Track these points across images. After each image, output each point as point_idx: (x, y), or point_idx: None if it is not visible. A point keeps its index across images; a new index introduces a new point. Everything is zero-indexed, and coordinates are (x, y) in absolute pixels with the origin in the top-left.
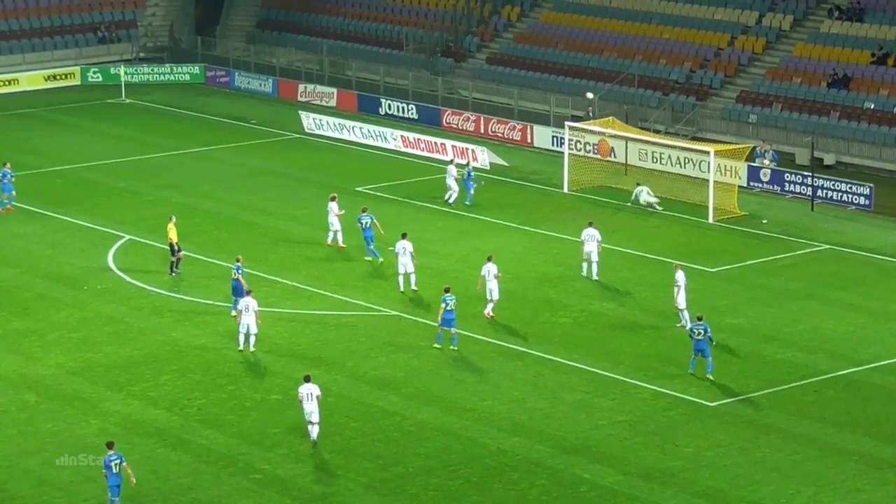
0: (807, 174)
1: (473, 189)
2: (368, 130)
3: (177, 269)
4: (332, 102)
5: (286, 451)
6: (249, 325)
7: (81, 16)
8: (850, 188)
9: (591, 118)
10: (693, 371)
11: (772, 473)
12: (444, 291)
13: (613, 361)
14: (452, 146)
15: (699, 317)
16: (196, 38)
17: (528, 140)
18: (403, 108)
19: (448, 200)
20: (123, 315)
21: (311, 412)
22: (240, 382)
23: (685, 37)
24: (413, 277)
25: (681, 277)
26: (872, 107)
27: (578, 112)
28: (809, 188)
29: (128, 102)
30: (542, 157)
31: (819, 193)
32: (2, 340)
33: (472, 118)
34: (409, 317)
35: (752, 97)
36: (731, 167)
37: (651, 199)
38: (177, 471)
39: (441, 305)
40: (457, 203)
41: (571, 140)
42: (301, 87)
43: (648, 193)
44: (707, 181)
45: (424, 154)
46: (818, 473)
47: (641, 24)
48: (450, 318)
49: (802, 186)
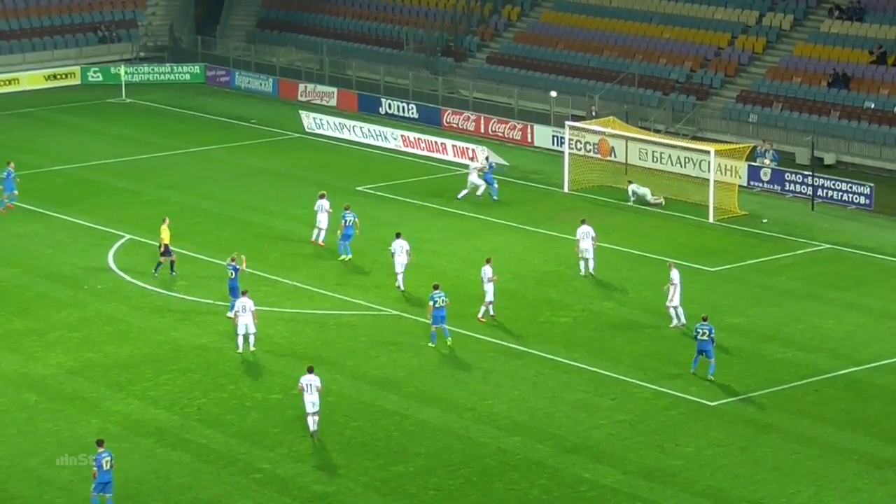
0: (807, 174)
1: (497, 183)
2: (369, 130)
3: (174, 272)
4: (333, 102)
5: (286, 451)
6: (248, 325)
7: (82, 15)
8: (851, 188)
9: (594, 117)
10: (695, 371)
11: (772, 473)
12: (434, 289)
13: (614, 361)
14: (453, 146)
15: (704, 317)
16: (196, 38)
17: (529, 140)
18: (404, 108)
19: (477, 195)
20: (124, 315)
21: (312, 403)
22: (240, 382)
23: (685, 36)
24: (401, 277)
25: (675, 276)
26: (873, 106)
27: (579, 112)
28: (810, 188)
29: (128, 102)
30: (543, 157)
31: (819, 193)
32: (2, 340)
33: (473, 118)
34: (410, 316)
35: (753, 97)
36: (732, 167)
37: (641, 191)
38: (177, 470)
39: (429, 304)
40: (483, 198)
41: (572, 140)
42: (301, 87)
43: (639, 187)
44: (707, 181)
45: (425, 154)
46: (818, 473)
47: (642, 24)
48: (440, 315)
49: (803, 186)
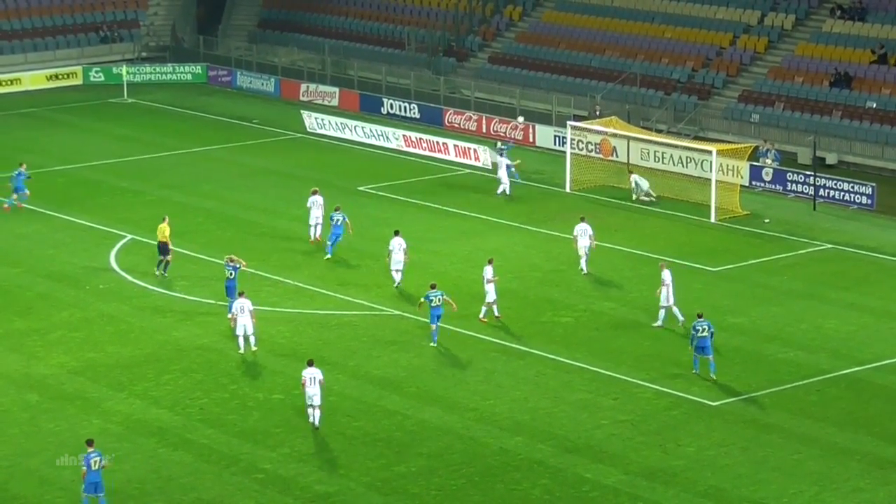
0: (809, 173)
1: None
2: (370, 130)
3: (164, 271)
4: (335, 102)
5: (288, 451)
6: (246, 326)
7: (83, 15)
8: (853, 187)
9: (598, 117)
10: (697, 371)
11: (774, 473)
12: (430, 287)
13: (615, 361)
14: (455, 146)
15: (699, 314)
16: (198, 38)
17: (531, 139)
18: (405, 108)
19: (505, 192)
20: (125, 315)
21: (314, 396)
22: (242, 382)
23: (687, 36)
24: (399, 276)
25: (666, 276)
26: (874, 106)
27: (581, 111)
28: (811, 187)
29: (130, 102)
30: (544, 157)
31: (821, 193)
32: (4, 340)
33: (475, 118)
34: (411, 316)
35: (755, 96)
36: (734, 166)
37: (643, 184)
38: (179, 470)
39: (425, 301)
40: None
41: (573, 139)
42: (303, 87)
43: (641, 179)
44: (709, 180)
45: (426, 153)
46: (820, 473)
47: (643, 24)
48: (436, 315)
49: (804, 186)
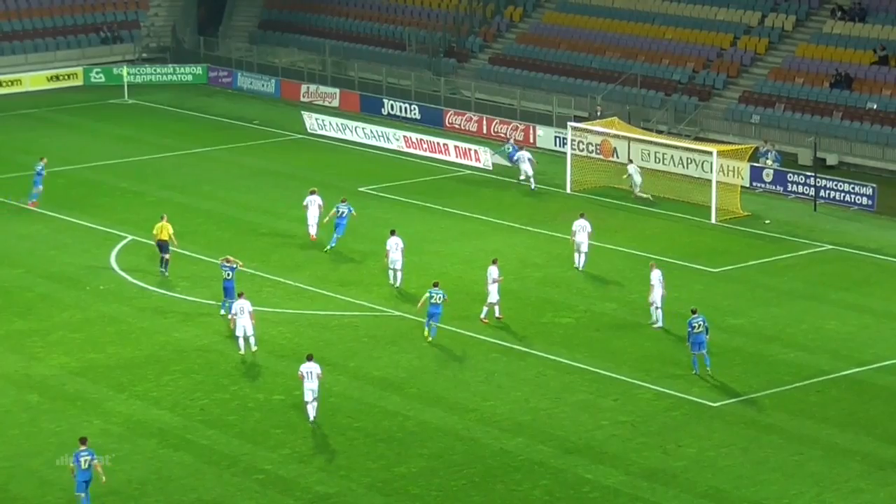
0: (809, 174)
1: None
2: (371, 131)
3: (165, 268)
4: (335, 103)
5: (289, 452)
6: (246, 328)
7: (84, 16)
8: (853, 188)
9: (598, 118)
10: (697, 372)
11: (774, 474)
12: (433, 286)
13: (616, 362)
14: (455, 147)
15: (693, 310)
16: (199, 39)
17: (531, 140)
18: (406, 109)
19: (531, 187)
20: (126, 315)
21: (312, 390)
22: (242, 383)
23: (688, 37)
24: (399, 275)
25: (654, 276)
26: (875, 107)
27: (581, 112)
28: (812, 188)
29: (130, 103)
30: (545, 158)
31: (822, 194)
32: (4, 341)
33: (475, 118)
34: (412, 317)
35: (755, 97)
36: (734, 167)
37: (637, 179)
38: (179, 471)
39: (426, 297)
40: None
41: (574, 140)
42: (303, 88)
43: (637, 173)
44: (710, 181)
45: (427, 154)
46: (821, 474)
47: (644, 25)
48: (435, 312)
49: (805, 187)
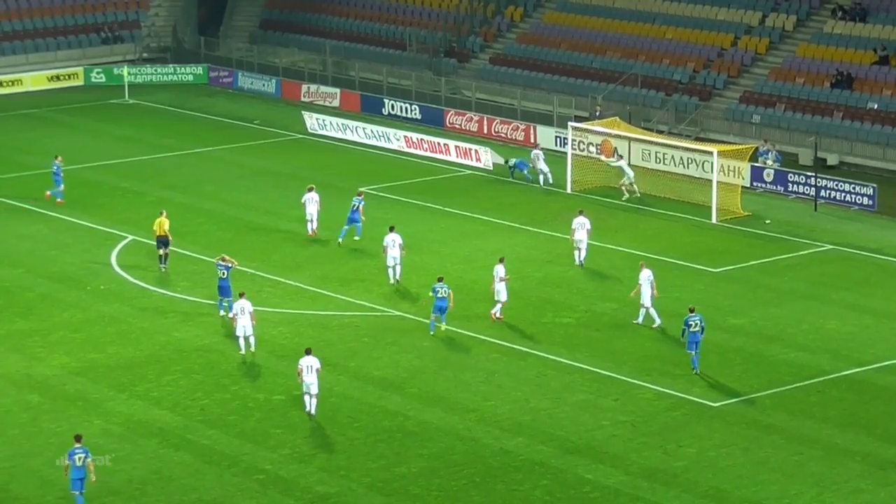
0: (810, 174)
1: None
2: (371, 131)
3: (165, 263)
4: (336, 103)
5: (289, 452)
6: (246, 328)
7: (85, 16)
8: (854, 188)
9: (598, 117)
10: (697, 372)
11: (775, 474)
12: (437, 280)
13: (616, 362)
14: (456, 147)
15: (691, 308)
16: (199, 39)
17: (532, 140)
18: (407, 109)
19: (548, 182)
20: (126, 315)
21: (310, 384)
22: (243, 383)
23: (688, 37)
24: (399, 269)
25: (643, 276)
26: (876, 107)
27: (582, 112)
28: (813, 188)
29: (131, 103)
30: (545, 158)
31: (822, 194)
32: (5, 341)
33: (476, 118)
34: (412, 317)
35: (756, 97)
36: (735, 167)
37: (629, 173)
38: (180, 471)
39: (432, 294)
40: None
41: (574, 140)
42: (304, 88)
43: (628, 168)
44: (710, 181)
45: (427, 154)
46: (821, 474)
47: (644, 25)
48: (442, 306)
49: (806, 187)
